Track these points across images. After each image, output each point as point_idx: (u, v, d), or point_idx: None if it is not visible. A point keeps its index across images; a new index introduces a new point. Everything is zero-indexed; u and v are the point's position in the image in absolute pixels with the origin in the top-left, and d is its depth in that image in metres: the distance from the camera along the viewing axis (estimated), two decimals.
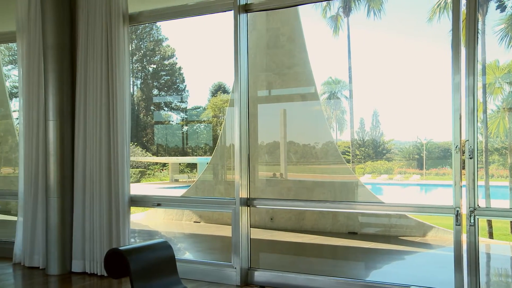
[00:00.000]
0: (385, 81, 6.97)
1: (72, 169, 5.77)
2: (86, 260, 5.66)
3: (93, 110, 5.60)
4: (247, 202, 5.30)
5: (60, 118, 5.70)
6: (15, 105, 9.02)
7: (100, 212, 5.55)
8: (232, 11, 5.23)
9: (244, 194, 5.27)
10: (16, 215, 6.35)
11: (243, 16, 5.25)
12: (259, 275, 5.22)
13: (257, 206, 5.43)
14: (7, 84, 9.17)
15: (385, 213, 6.37)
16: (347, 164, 7.86)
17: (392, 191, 8.38)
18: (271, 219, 7.51)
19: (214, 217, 8.51)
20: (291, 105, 7.29)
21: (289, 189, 7.42)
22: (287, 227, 7.42)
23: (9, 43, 7.68)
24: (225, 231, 7.76)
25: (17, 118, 8.88)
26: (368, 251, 6.77)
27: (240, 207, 5.23)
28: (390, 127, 8.16)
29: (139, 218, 9.50)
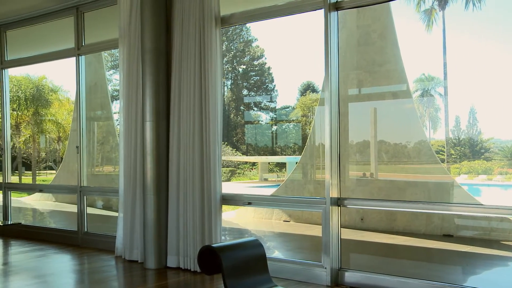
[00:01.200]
0: (484, 76, 6.60)
1: (167, 168, 6.01)
2: (180, 256, 5.87)
3: (187, 111, 5.79)
4: (338, 202, 5.24)
5: (156, 119, 5.96)
6: (115, 107, 9.56)
7: (193, 210, 5.73)
8: (323, 10, 5.19)
9: (334, 193, 5.22)
10: (117, 211, 6.72)
11: (333, 14, 5.20)
12: (350, 276, 5.15)
13: (348, 206, 5.35)
14: (109, 87, 9.72)
15: (485, 215, 6.03)
16: (442, 163, 7.54)
17: (491, 193, 7.94)
18: (362, 219, 7.38)
19: (303, 216, 8.51)
20: (382, 104, 7.12)
21: (380, 189, 7.25)
22: (378, 228, 7.26)
23: (112, 50, 8.15)
24: (315, 230, 7.74)
25: (117, 120, 9.40)
26: (465, 255, 6.45)
27: (331, 207, 5.18)
28: (489, 125, 7.73)
29: (229, 216, 9.70)
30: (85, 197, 7.46)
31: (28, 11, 7.66)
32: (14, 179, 12.02)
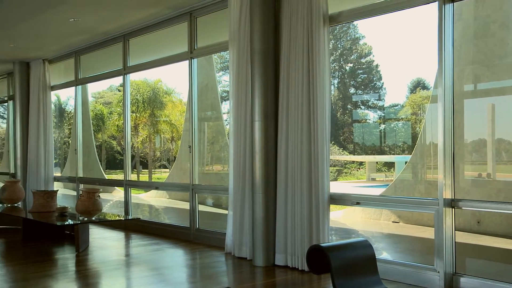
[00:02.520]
0: None
1: (275, 167, 6.09)
2: (288, 254, 5.92)
3: (295, 110, 5.83)
4: (451, 203, 4.99)
5: (265, 119, 6.07)
6: (224, 107, 9.88)
7: (301, 209, 5.75)
8: (436, 2, 4.97)
9: (448, 194, 4.98)
10: (227, 209, 6.94)
11: (449, 7, 4.96)
12: (466, 282, 4.88)
13: (463, 208, 5.08)
14: (219, 89, 10.06)
15: None
16: None
17: None
18: (478, 222, 6.97)
19: (413, 217, 8.21)
20: (502, 99, 6.66)
21: (499, 190, 6.79)
22: (496, 232, 6.81)
23: (221, 52, 8.42)
24: (426, 232, 7.44)
25: (226, 120, 9.72)
26: None
27: (444, 208, 4.95)
28: None
29: (336, 216, 9.62)
30: (196, 194, 7.78)
31: (148, 20, 8.16)
32: (133, 177, 12.85)
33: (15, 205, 9.11)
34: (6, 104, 13.81)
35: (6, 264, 6.64)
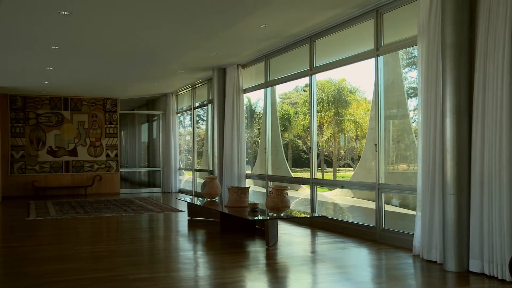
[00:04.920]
0: None
1: (469, 167, 5.69)
2: (485, 261, 5.48)
3: (492, 107, 5.36)
4: None
5: (457, 116, 5.71)
6: (410, 105, 9.52)
7: (500, 213, 5.28)
8: None
9: None
10: (413, 209, 6.69)
11: None
12: None
13: None
14: (405, 86, 9.75)
15: None
16: None
17: None
18: None
19: None
20: None
21: None
22: None
23: (408, 48, 8.15)
24: None
25: (412, 117, 9.35)
26: None
27: None
28: None
29: None
30: (383, 194, 7.64)
31: (333, 20, 8.27)
32: (318, 175, 13.13)
33: (214, 199, 9.98)
34: (205, 107, 15.20)
35: (207, 253, 7.32)
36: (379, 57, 7.63)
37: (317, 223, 9.04)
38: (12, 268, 6.30)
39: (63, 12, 7.28)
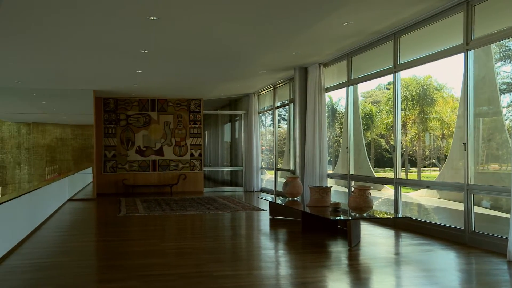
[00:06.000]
0: None
1: None
2: None
3: None
4: None
5: None
6: (503, 101, 9.02)
7: None
8: None
9: None
10: (507, 211, 6.33)
11: None
12: None
13: None
14: (498, 81, 9.25)
15: None
16: None
17: None
18: None
19: None
20: None
21: None
22: None
23: (502, 41, 7.72)
24: None
25: (505, 115, 8.86)
26: None
27: None
28: None
29: None
30: (472, 195, 7.29)
31: (418, 15, 8.01)
32: (401, 175, 12.77)
33: (295, 199, 9.99)
34: (287, 107, 15.26)
35: (288, 252, 7.35)
36: (468, 52, 7.28)
37: (401, 224, 8.79)
38: (106, 260, 6.71)
39: (152, 18, 7.60)
